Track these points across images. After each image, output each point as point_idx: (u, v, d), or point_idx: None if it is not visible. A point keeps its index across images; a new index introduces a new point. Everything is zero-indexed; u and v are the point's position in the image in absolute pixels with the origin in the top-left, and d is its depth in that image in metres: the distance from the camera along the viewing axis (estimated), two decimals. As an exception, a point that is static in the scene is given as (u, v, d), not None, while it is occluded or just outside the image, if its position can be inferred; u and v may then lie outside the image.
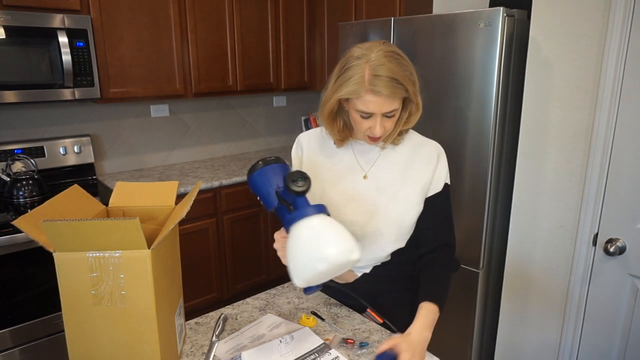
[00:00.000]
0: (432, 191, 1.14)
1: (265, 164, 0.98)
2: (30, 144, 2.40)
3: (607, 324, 1.67)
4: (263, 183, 0.97)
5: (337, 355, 1.02)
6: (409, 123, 1.11)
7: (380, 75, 0.98)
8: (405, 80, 1.00)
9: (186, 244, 2.51)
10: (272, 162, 0.99)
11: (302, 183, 0.90)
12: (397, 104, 1.03)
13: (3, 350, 1.97)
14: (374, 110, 1.01)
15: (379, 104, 1.00)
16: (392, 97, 1.00)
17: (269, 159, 0.99)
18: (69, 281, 0.82)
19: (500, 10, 1.71)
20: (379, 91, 0.98)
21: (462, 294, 2.06)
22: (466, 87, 1.87)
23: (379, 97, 0.99)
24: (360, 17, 2.79)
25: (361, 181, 1.16)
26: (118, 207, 1.04)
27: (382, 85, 0.97)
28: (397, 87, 0.99)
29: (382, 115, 1.03)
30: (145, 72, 2.49)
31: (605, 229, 1.61)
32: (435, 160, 1.15)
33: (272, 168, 0.98)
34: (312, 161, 1.22)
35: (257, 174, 0.98)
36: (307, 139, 1.25)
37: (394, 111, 1.03)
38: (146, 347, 0.87)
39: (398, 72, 0.99)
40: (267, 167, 0.98)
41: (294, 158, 1.27)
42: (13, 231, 1.90)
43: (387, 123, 1.05)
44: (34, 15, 2.04)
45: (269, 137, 3.54)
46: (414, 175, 1.14)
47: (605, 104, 1.54)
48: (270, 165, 0.98)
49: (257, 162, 0.99)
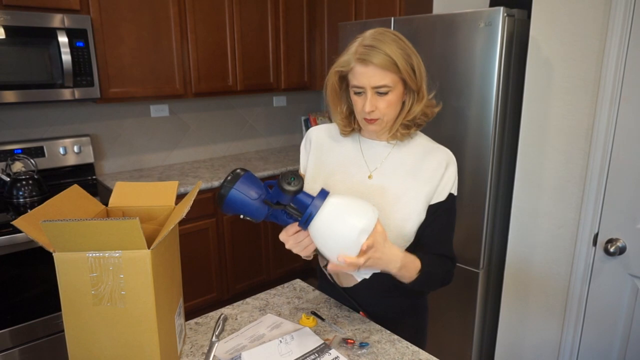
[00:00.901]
0: (435, 199, 1.12)
1: (233, 182, 0.92)
2: (30, 144, 2.40)
3: (607, 324, 1.67)
4: (242, 200, 0.92)
5: (337, 355, 1.02)
6: (411, 114, 1.08)
7: (369, 45, 1.00)
8: (397, 55, 1.00)
9: (186, 244, 2.51)
10: (238, 176, 0.93)
11: (296, 181, 0.90)
12: (389, 80, 1.01)
13: (3, 350, 1.96)
14: (364, 83, 1.02)
15: (368, 75, 1.01)
16: (381, 69, 1.00)
17: (230, 177, 0.93)
18: (69, 281, 0.82)
19: (500, 10, 1.70)
20: (365, 59, 0.99)
21: (462, 294, 2.06)
22: (466, 87, 1.87)
23: (367, 66, 1.00)
24: (360, 17, 2.79)
25: (365, 180, 1.14)
26: (118, 207, 1.04)
27: (371, 55, 0.99)
28: (387, 59, 0.99)
29: (373, 92, 1.02)
30: (145, 72, 2.49)
31: (606, 229, 1.61)
32: (444, 168, 1.11)
33: (243, 182, 0.93)
34: (319, 157, 1.21)
35: (232, 195, 0.92)
36: (316, 133, 1.24)
37: (385, 88, 1.02)
38: (146, 347, 0.87)
39: (390, 46, 1.00)
40: (238, 184, 0.92)
41: (301, 153, 1.27)
42: (13, 231, 1.90)
43: (380, 103, 1.04)
44: (34, 15, 2.04)
45: (269, 137, 3.54)
46: (420, 182, 1.11)
47: (605, 104, 1.54)
48: (239, 181, 0.92)
49: (223, 186, 0.92)
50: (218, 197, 0.93)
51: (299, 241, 0.96)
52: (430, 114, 1.11)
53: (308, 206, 0.91)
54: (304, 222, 0.92)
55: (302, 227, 0.94)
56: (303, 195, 0.93)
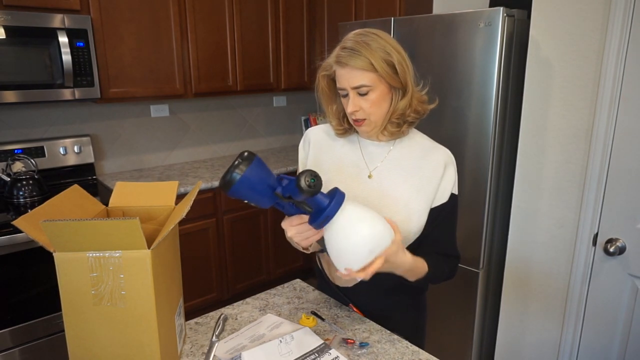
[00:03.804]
0: (437, 202, 1.12)
1: (242, 167, 0.84)
2: (30, 144, 2.40)
3: (607, 324, 1.67)
4: (252, 187, 0.86)
5: (337, 355, 1.02)
6: (397, 110, 1.07)
7: (347, 47, 1.02)
8: (372, 55, 1.00)
9: (186, 244, 2.51)
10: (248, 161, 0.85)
11: (316, 183, 0.86)
12: (367, 80, 1.01)
13: (3, 350, 1.97)
14: (345, 85, 1.04)
15: (346, 77, 1.02)
16: (358, 70, 1.01)
17: (239, 162, 0.85)
18: (69, 281, 0.82)
19: (500, 10, 1.71)
20: (341, 61, 1.02)
21: (462, 294, 2.06)
22: (466, 87, 1.87)
23: (344, 68, 1.02)
24: (360, 17, 2.79)
25: (365, 180, 1.14)
26: (118, 207, 1.04)
27: (346, 57, 1.01)
28: (361, 59, 1.00)
29: (355, 92, 1.04)
30: (145, 72, 2.49)
31: (605, 229, 1.61)
32: (443, 168, 1.11)
33: (253, 169, 0.85)
34: (317, 156, 1.21)
35: (242, 182, 0.84)
36: (314, 133, 1.25)
37: (364, 87, 1.02)
38: (146, 347, 0.87)
39: (365, 46, 1.00)
40: (249, 171, 0.84)
41: (300, 154, 1.27)
42: (13, 231, 1.90)
43: (363, 103, 1.04)
44: (34, 15, 2.04)
45: (268, 137, 3.54)
46: (420, 181, 1.11)
47: (605, 104, 1.54)
48: (250, 168, 0.85)
49: (231, 171, 0.84)
50: (225, 182, 0.85)
51: (301, 232, 0.95)
52: (422, 111, 1.10)
53: (325, 209, 0.90)
54: (318, 223, 0.91)
55: (314, 226, 0.93)
56: (321, 196, 0.91)
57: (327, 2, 3.02)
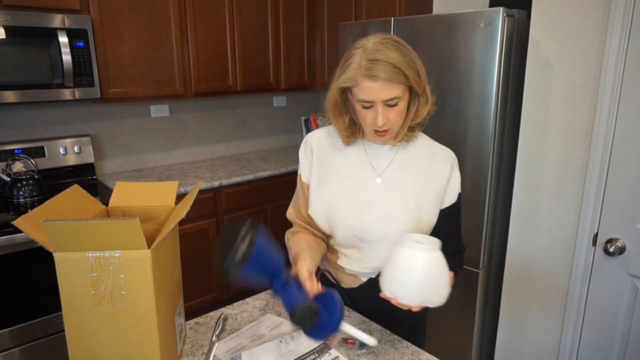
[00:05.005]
0: (446, 203, 1.13)
1: (238, 262, 0.80)
2: (30, 144, 2.40)
3: (607, 324, 1.67)
4: (249, 280, 0.85)
5: (337, 355, 1.02)
6: (418, 117, 1.07)
7: (376, 60, 0.97)
8: (404, 65, 0.97)
9: (186, 244, 2.51)
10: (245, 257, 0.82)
11: (313, 319, 0.89)
12: (399, 91, 0.99)
13: (3, 350, 1.97)
14: (374, 97, 0.99)
15: (377, 90, 0.98)
16: (390, 82, 0.97)
17: (235, 252, 0.80)
18: (69, 281, 0.82)
19: (500, 10, 1.71)
20: (374, 75, 0.96)
21: (462, 294, 2.06)
22: (466, 87, 1.87)
23: (376, 82, 0.97)
24: (360, 17, 2.79)
25: (374, 184, 1.13)
26: (118, 207, 1.04)
27: (378, 69, 0.96)
28: (395, 72, 0.96)
29: (384, 104, 1.00)
30: (145, 72, 2.49)
31: (605, 229, 1.61)
32: (450, 169, 1.12)
33: (253, 265, 0.82)
34: (322, 164, 1.18)
35: (241, 275, 0.83)
36: (317, 139, 1.20)
37: (396, 99, 0.99)
38: (146, 347, 0.87)
39: (395, 57, 0.97)
40: (248, 267, 0.82)
41: (302, 161, 1.22)
42: (13, 231, 1.90)
43: (391, 114, 1.01)
44: (34, 15, 2.04)
45: (268, 137, 3.54)
46: (429, 181, 1.12)
47: (605, 104, 1.54)
48: (249, 265, 0.81)
49: (227, 263, 0.80)
50: (221, 270, 0.84)
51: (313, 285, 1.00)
52: (431, 112, 1.11)
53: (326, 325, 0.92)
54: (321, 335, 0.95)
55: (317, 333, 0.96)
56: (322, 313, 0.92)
57: (327, 2, 3.02)
